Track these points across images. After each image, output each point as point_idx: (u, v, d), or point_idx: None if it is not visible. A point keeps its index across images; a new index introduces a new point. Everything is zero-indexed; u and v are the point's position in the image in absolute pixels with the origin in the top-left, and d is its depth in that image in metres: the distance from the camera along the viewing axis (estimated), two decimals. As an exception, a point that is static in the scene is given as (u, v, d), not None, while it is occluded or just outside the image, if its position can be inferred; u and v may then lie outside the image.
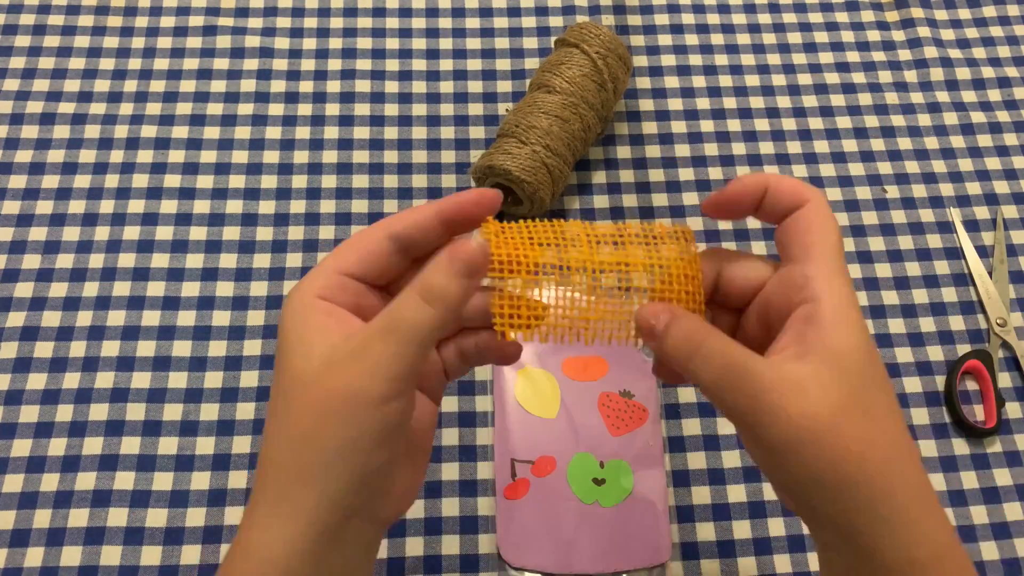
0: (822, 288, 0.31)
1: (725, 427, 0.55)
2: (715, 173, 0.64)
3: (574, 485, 0.51)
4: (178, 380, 0.55)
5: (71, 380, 0.54)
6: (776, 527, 0.52)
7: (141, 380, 0.55)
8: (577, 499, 0.51)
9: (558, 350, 0.54)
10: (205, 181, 0.62)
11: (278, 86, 0.66)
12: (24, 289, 0.57)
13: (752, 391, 0.30)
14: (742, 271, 0.35)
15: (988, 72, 0.69)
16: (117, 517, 0.51)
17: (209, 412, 0.54)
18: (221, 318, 0.57)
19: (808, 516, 0.33)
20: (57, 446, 0.53)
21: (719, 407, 0.33)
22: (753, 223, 0.62)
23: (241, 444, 0.53)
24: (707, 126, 0.66)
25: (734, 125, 0.66)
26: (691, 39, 0.70)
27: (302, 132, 0.64)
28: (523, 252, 0.34)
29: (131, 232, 0.60)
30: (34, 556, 0.50)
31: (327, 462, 0.31)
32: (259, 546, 0.31)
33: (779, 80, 0.68)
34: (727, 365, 0.31)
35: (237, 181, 0.62)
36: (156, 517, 0.51)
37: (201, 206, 0.61)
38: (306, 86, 0.66)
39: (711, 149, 0.65)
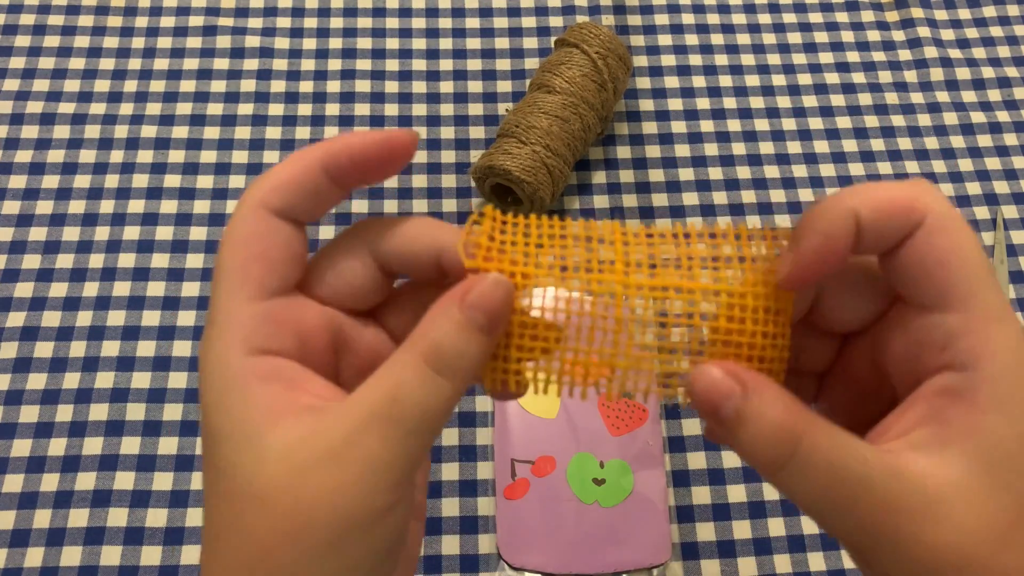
0: (977, 350, 0.21)
1: (725, 427, 0.55)
2: (715, 173, 0.64)
3: (574, 485, 0.51)
4: (178, 380, 0.55)
5: (71, 380, 0.54)
6: (776, 527, 0.52)
7: (141, 380, 0.55)
8: (577, 499, 0.51)
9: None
10: (205, 181, 0.62)
11: (278, 86, 0.66)
12: (24, 289, 0.57)
13: (869, 510, 0.21)
14: (854, 294, 0.24)
15: (988, 72, 0.69)
16: (117, 517, 0.51)
17: (209, 412, 0.54)
18: (221, 318, 0.57)
19: None
20: (57, 446, 0.53)
21: (818, 524, 0.23)
22: (753, 224, 0.62)
23: (241, 444, 0.53)
24: (707, 126, 0.66)
25: (734, 125, 0.66)
26: (691, 39, 0.70)
27: (302, 132, 0.64)
28: (525, 266, 0.23)
29: (131, 232, 0.60)
30: (34, 556, 0.50)
31: None
32: None
33: (779, 80, 0.68)
34: (836, 478, 0.21)
35: (237, 181, 0.62)
36: (156, 517, 0.51)
37: (201, 206, 0.61)
38: (306, 86, 0.66)
39: (711, 149, 0.65)
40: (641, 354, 0.23)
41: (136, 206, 0.61)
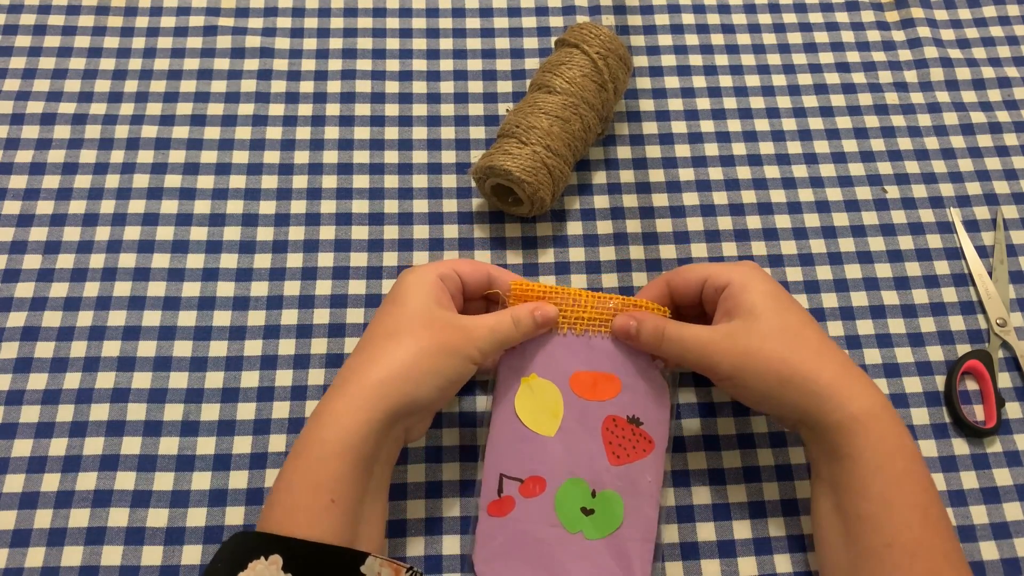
0: (725, 279, 0.48)
1: (725, 427, 0.55)
2: (715, 173, 0.64)
3: (560, 512, 0.49)
4: (178, 380, 0.55)
5: (72, 380, 0.55)
6: (776, 527, 0.52)
7: (142, 380, 0.55)
8: (561, 526, 0.48)
9: (569, 361, 0.51)
10: (205, 181, 0.62)
11: (278, 86, 0.66)
12: (25, 289, 0.57)
13: (702, 350, 0.47)
14: (681, 274, 0.51)
15: (988, 72, 0.69)
16: (118, 517, 0.51)
17: (209, 412, 0.54)
18: (221, 318, 0.57)
19: (782, 415, 0.48)
20: (58, 446, 0.53)
21: (687, 368, 0.51)
22: (753, 224, 0.62)
23: (242, 444, 0.53)
24: (707, 126, 0.66)
25: (734, 125, 0.66)
26: (691, 39, 0.70)
27: (302, 132, 0.64)
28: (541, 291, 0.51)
29: (131, 232, 0.60)
30: (35, 556, 0.50)
31: (423, 375, 0.44)
32: (344, 414, 0.43)
33: (779, 80, 0.68)
34: (682, 341, 0.47)
35: (237, 181, 0.62)
36: (157, 517, 0.51)
37: (201, 206, 0.61)
38: (306, 86, 0.66)
39: (711, 149, 0.65)
40: (594, 309, 0.51)
41: (136, 206, 0.61)
